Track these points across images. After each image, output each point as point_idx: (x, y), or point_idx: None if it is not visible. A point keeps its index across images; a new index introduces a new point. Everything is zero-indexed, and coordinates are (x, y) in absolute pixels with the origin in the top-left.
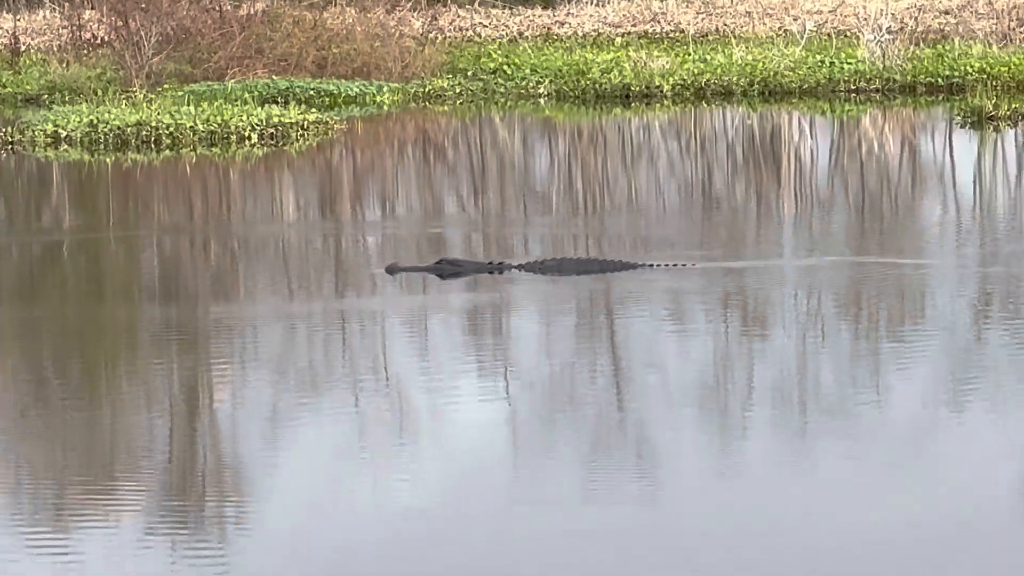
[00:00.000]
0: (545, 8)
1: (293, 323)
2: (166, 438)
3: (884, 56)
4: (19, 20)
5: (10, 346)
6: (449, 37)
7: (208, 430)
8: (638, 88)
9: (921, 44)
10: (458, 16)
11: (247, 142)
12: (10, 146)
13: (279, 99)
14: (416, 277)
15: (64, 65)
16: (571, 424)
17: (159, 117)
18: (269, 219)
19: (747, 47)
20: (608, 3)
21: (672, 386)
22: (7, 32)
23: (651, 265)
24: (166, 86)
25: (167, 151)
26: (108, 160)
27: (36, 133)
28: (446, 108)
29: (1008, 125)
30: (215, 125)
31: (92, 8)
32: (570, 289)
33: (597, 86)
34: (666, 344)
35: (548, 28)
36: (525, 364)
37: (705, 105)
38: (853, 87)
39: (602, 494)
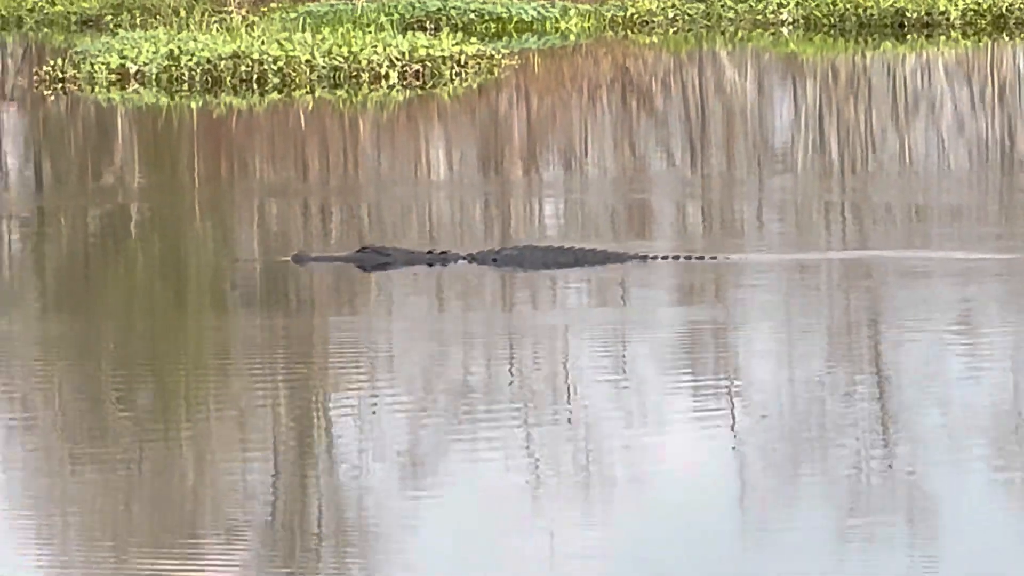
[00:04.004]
0: None
1: (442, 340)
2: (270, 487)
3: None
4: None
5: (59, 362)
6: None
7: (328, 476)
8: (916, 14)
9: None
10: None
11: (384, 82)
12: (61, 84)
13: (427, 24)
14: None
15: None
16: (818, 473)
17: (263, 47)
18: (411, 184)
19: None
20: None
21: (958, 422)
22: None
23: (645, 257)
24: (273, 5)
25: (274, 93)
26: (193, 105)
27: (97, 68)
28: (655, 39)
29: None
30: (340, 59)
31: None
32: (805, 297)
33: (860, 11)
34: (950, 367)
35: None
36: (754, 394)
37: (1006, 39)
38: None
39: (862, 568)
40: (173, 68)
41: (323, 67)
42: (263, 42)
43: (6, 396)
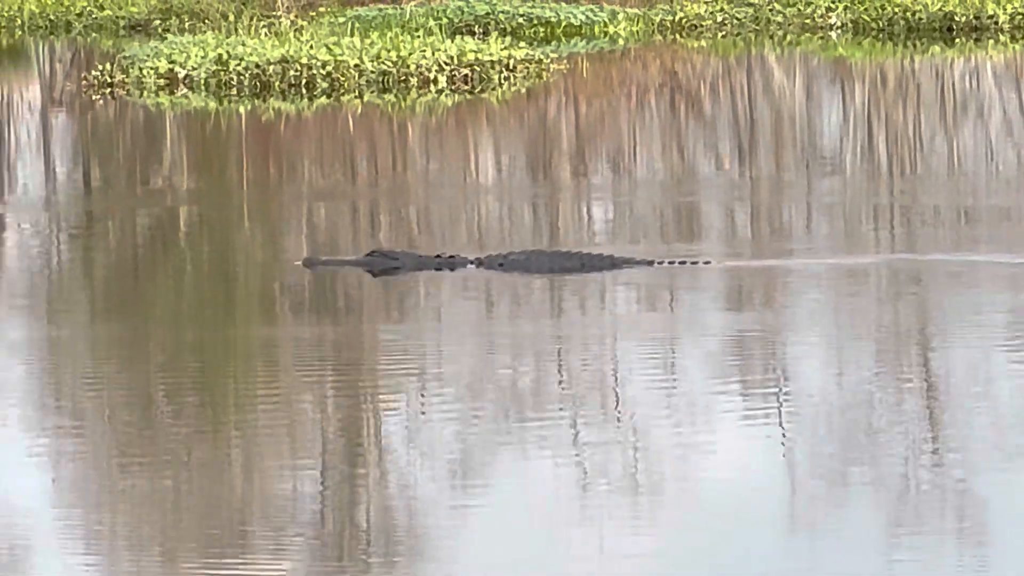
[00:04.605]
0: None
1: (490, 345)
2: (318, 491)
3: None
4: None
5: (109, 366)
6: None
7: (375, 479)
8: (964, 18)
9: None
10: None
11: (432, 86)
12: (109, 89)
13: (476, 29)
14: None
15: None
16: (867, 478)
17: (312, 52)
18: (460, 188)
19: None
20: None
21: (1008, 428)
22: None
23: (652, 262)
24: (322, 9)
25: (323, 98)
26: (242, 109)
27: (145, 72)
28: (703, 43)
29: None
30: (389, 63)
31: None
32: (856, 303)
33: (909, 15)
34: (999, 372)
35: None
36: (804, 403)
37: None
38: None
39: (912, 573)
40: (222, 73)
41: (372, 71)
42: (312, 47)
43: (56, 401)
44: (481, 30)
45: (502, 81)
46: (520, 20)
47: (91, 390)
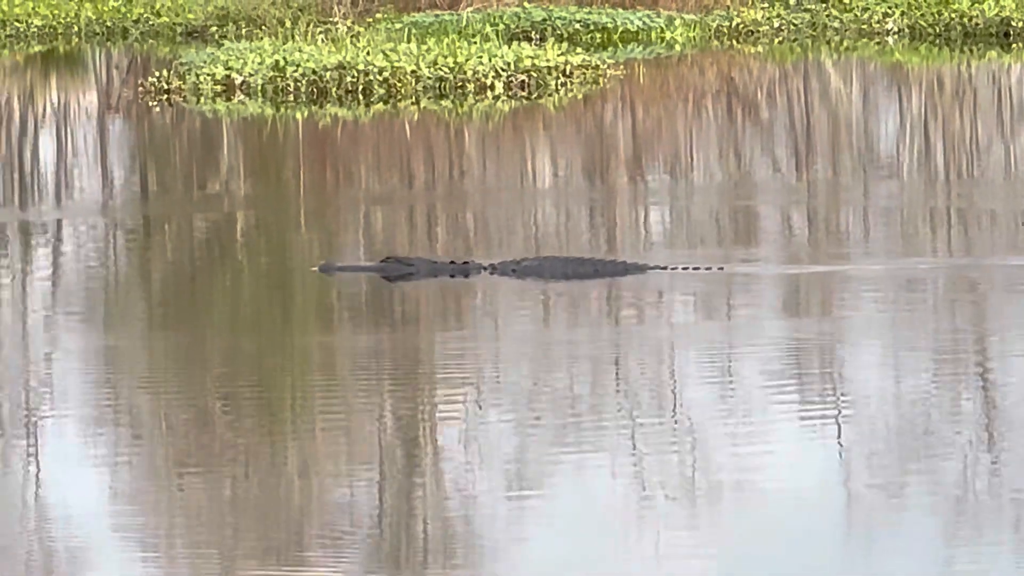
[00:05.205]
0: None
1: (547, 352)
2: (375, 499)
3: None
4: None
5: (166, 374)
6: None
7: (433, 488)
8: (1022, 23)
9: None
10: None
11: (489, 92)
12: (166, 96)
13: (533, 34)
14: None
15: None
16: (924, 486)
17: (369, 58)
18: (517, 193)
19: None
20: None
21: None
22: None
23: (664, 268)
24: (379, 15)
25: (380, 104)
26: (299, 115)
27: (202, 79)
28: (760, 49)
29: None
30: (445, 69)
31: None
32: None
33: (965, 20)
34: None
35: None
36: (861, 410)
37: None
38: None
39: None
40: (278, 79)
41: (428, 78)
42: (368, 53)
43: (113, 408)
44: (538, 36)
45: (559, 87)
46: (577, 26)
47: (147, 397)
